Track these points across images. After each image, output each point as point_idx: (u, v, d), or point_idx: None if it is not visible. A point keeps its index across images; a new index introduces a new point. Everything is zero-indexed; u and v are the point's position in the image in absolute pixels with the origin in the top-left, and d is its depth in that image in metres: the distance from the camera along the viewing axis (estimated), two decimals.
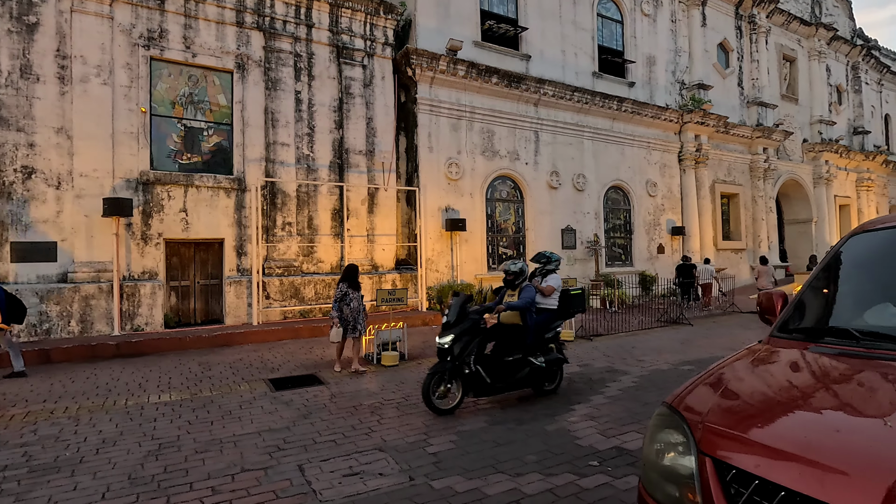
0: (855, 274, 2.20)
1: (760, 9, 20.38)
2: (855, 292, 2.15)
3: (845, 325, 1.93)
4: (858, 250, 2.25)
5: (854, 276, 2.20)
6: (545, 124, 14.42)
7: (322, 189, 11.34)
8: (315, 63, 11.35)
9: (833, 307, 2.17)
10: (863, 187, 25.30)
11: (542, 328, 5.48)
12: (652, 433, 1.79)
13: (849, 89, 25.61)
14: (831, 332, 1.97)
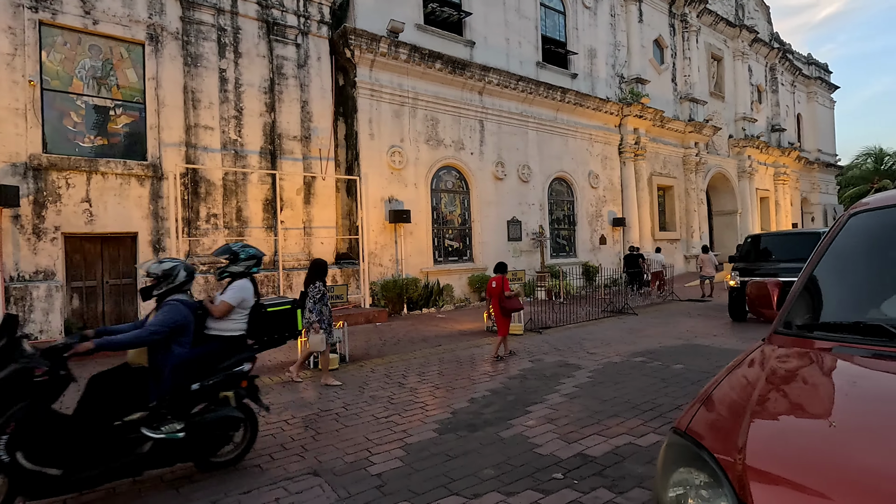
0: (862, 259, 1.92)
1: (692, 8, 21.18)
2: (865, 280, 1.86)
3: (873, 319, 1.61)
4: (862, 232, 1.97)
5: (861, 262, 1.91)
6: (490, 113, 14.11)
7: (252, 177, 10.37)
8: (242, 39, 10.32)
9: (843, 298, 1.87)
10: (780, 181, 27.19)
11: (194, 370, 3.38)
12: (665, 472, 1.37)
13: (767, 89, 27.38)
14: (853, 328, 1.65)
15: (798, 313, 1.87)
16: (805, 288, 1.92)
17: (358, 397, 5.28)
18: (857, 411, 1.24)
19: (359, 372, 6.41)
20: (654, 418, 4.33)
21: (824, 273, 1.93)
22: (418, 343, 8.25)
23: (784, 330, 1.82)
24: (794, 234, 10.45)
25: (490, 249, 13.88)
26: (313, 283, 5.99)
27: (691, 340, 7.91)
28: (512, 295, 7.13)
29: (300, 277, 10.48)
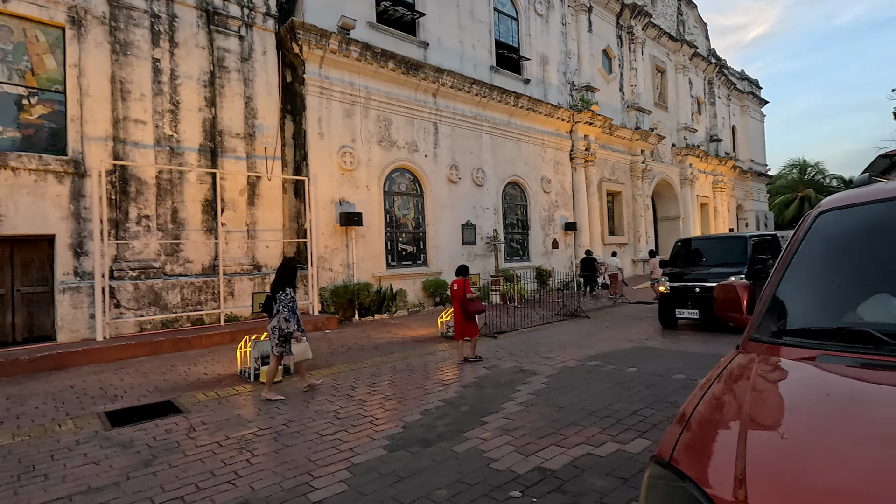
0: (834, 259, 1.81)
1: (637, 21, 21.99)
2: (839, 281, 1.75)
3: (858, 324, 1.49)
4: (831, 231, 1.88)
5: (833, 263, 1.80)
6: (444, 116, 13.95)
7: (190, 176, 9.66)
8: (179, 27, 9.62)
9: (818, 301, 1.75)
10: (717, 188, 28.70)
11: None
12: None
13: (706, 101, 28.89)
14: (835, 334, 1.52)
15: (772, 318, 1.73)
16: (777, 291, 1.79)
17: (302, 413, 4.88)
18: (865, 434, 1.08)
19: (304, 384, 5.98)
20: (612, 425, 4.22)
21: (796, 274, 1.81)
22: (369, 351, 7.89)
23: (760, 337, 1.68)
24: (723, 238, 10.33)
25: (444, 253, 13.68)
26: (283, 289, 5.49)
27: (643, 343, 7.99)
28: (474, 297, 6.98)
29: (243, 284, 9.87)
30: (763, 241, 9.56)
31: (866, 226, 1.77)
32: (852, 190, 2.05)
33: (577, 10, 19.06)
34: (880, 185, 2.00)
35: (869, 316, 1.60)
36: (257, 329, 8.70)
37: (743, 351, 1.66)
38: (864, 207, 1.84)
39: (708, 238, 10.44)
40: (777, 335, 1.65)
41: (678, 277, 9.05)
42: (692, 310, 8.63)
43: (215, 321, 9.47)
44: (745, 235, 9.24)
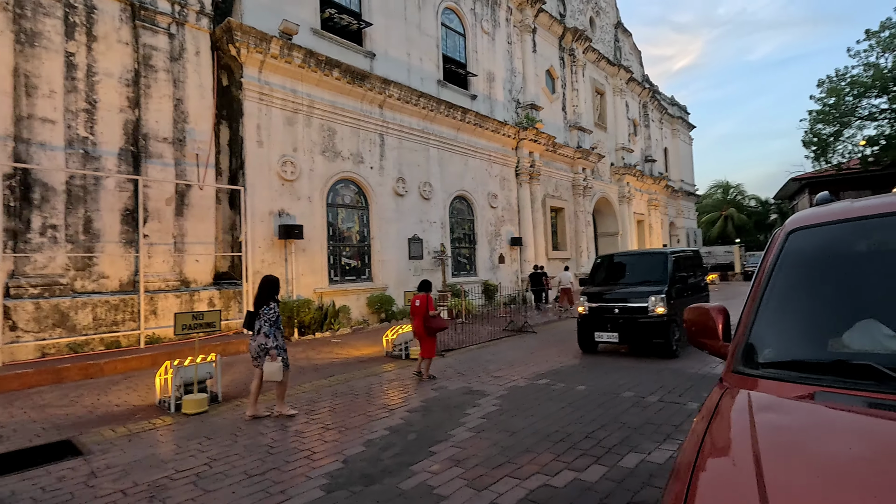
0: (811, 282, 1.69)
1: (578, 44, 22.89)
2: (820, 306, 1.62)
3: (856, 357, 1.34)
4: (805, 251, 1.76)
5: (811, 285, 1.69)
6: (391, 128, 13.67)
7: (108, 183, 8.75)
8: (98, 20, 8.78)
9: (801, 327, 1.61)
10: (652, 206, 30.23)
11: None
12: None
13: (641, 124, 30.51)
14: (830, 367, 1.37)
15: (755, 347, 1.58)
16: (756, 316, 1.64)
17: (228, 448, 4.34)
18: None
19: (233, 413, 5.41)
20: (567, 451, 4.03)
21: (774, 298, 1.67)
22: (308, 373, 7.35)
23: (745, 370, 1.51)
24: (643, 254, 9.67)
25: (390, 268, 13.29)
26: (266, 304, 5.22)
27: (589, 357, 7.99)
28: (436, 314, 6.84)
29: (168, 301, 9.01)
30: (684, 257, 9.20)
31: (841, 246, 1.67)
32: (818, 208, 1.96)
33: (522, 30, 19.53)
34: (845, 203, 1.92)
35: (856, 344, 1.47)
36: (182, 352, 7.91)
37: (729, 386, 1.48)
38: (837, 227, 1.74)
39: (628, 254, 9.81)
40: (765, 367, 1.49)
41: (597, 297, 8.30)
42: (611, 332, 7.92)
43: (134, 343, 8.55)
44: (666, 252, 8.67)
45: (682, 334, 7.91)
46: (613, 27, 27.87)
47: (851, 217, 1.70)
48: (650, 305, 7.64)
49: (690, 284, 8.94)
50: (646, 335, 7.67)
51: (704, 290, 10.03)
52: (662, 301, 7.61)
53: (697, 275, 9.79)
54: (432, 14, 15.41)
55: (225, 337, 9.24)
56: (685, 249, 9.80)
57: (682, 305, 8.00)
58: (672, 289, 7.96)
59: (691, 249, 10.28)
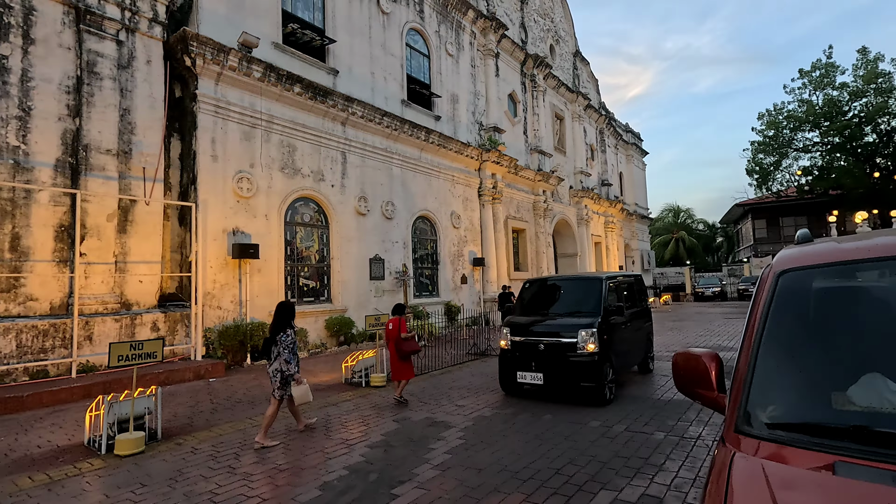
0: (809, 330, 1.60)
1: (539, 71, 23.53)
2: (823, 357, 1.53)
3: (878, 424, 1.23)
4: (799, 297, 1.68)
5: (810, 334, 1.59)
6: (353, 146, 13.43)
7: (41, 197, 8.05)
8: (37, 22, 8.18)
9: (804, 381, 1.51)
10: (609, 228, 31.12)
11: None
12: None
13: (598, 149, 31.56)
14: (846, 432, 1.26)
15: (758, 403, 1.46)
16: (756, 367, 1.52)
17: (165, 498, 3.89)
18: None
19: (173, 454, 4.91)
20: (536, 489, 3.84)
21: (773, 347, 1.57)
22: (260, 404, 6.87)
23: (751, 430, 1.38)
24: (576, 279, 8.30)
25: (351, 289, 12.89)
26: (283, 331, 5.32)
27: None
28: (409, 336, 6.83)
29: (106, 326, 8.31)
30: (623, 283, 8.17)
31: (838, 293, 1.59)
32: (804, 248, 1.90)
33: (485, 54, 19.88)
34: (831, 244, 1.86)
35: (862, 400, 1.38)
36: (120, 381, 7.28)
37: (734, 448, 1.35)
38: (830, 270, 1.67)
39: (560, 279, 8.36)
40: (772, 428, 1.36)
41: (522, 329, 6.97)
42: (535, 373, 6.61)
43: (65, 372, 7.78)
44: (600, 277, 7.41)
45: (617, 374, 6.96)
46: (572, 55, 28.90)
47: (844, 261, 1.63)
48: (579, 341, 6.41)
49: (631, 314, 7.86)
50: (573, 377, 6.39)
51: (647, 319, 8.94)
52: (594, 336, 6.41)
53: (640, 302, 8.83)
54: (397, 34, 15.41)
55: (170, 364, 8.58)
56: (625, 274, 8.77)
57: (621, 340, 7.14)
58: (606, 321, 6.75)
59: (632, 274, 9.19)
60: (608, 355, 6.60)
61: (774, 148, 28.80)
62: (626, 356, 7.49)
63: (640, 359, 8.32)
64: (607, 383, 6.50)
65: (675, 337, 13.25)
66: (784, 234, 39.51)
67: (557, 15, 27.23)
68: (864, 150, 26.88)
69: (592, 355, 6.38)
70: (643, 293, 9.23)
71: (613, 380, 6.73)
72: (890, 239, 1.74)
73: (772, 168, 29.34)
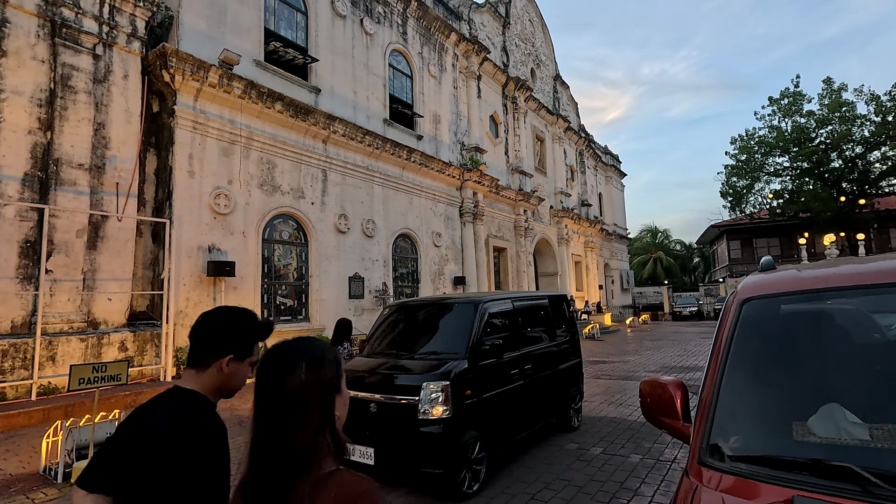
0: (772, 360, 1.62)
1: (520, 93, 24.00)
2: (783, 387, 1.54)
3: (832, 454, 1.23)
4: (762, 325, 1.70)
5: (773, 364, 1.60)
6: (335, 164, 13.41)
7: (6, 211, 7.79)
8: (10, 34, 8.03)
9: (764, 412, 1.51)
10: (588, 248, 31.51)
11: None
12: None
13: (578, 170, 32.14)
14: (807, 465, 1.25)
15: (721, 434, 1.45)
16: (719, 397, 1.52)
17: None
18: None
19: None
20: None
21: (735, 377, 1.58)
22: (232, 427, 6.62)
23: (713, 463, 1.37)
24: (445, 305, 5.78)
25: (329, 307, 12.71)
26: (341, 345, 6.02)
27: None
28: None
29: (70, 345, 8.00)
30: (525, 308, 6.01)
31: (799, 322, 1.61)
32: (767, 275, 1.93)
33: (467, 76, 20.21)
34: (792, 272, 1.90)
35: (821, 430, 1.38)
36: (83, 404, 6.97)
37: (697, 481, 1.33)
38: (791, 298, 1.69)
39: (427, 304, 6.01)
40: (734, 461, 1.35)
41: (357, 380, 4.67)
42: (366, 447, 4.38)
43: (24, 395, 7.43)
44: (477, 301, 5.26)
45: (495, 447, 4.75)
46: (553, 79, 29.59)
47: (805, 290, 1.66)
48: (422, 401, 4.22)
49: (539, 353, 5.78)
50: (411, 456, 4.24)
51: (571, 357, 6.68)
52: (444, 394, 4.23)
53: (560, 335, 6.62)
54: (380, 54, 15.58)
55: (137, 385, 8.28)
56: (533, 295, 6.78)
57: (508, 395, 5.01)
58: (476, 368, 4.65)
59: (548, 294, 6.99)
60: (474, 421, 4.46)
61: (747, 171, 29.78)
62: (518, 418, 5.17)
63: (551, 416, 5.94)
64: (471, 465, 4.31)
65: (653, 357, 13.36)
66: (758, 255, 40.56)
67: (538, 40, 27.93)
68: (830, 175, 27.97)
69: (441, 423, 4.17)
70: (568, 322, 6.95)
71: (483, 458, 4.46)
72: (851, 268, 1.77)
73: (745, 191, 30.29)
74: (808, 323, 1.61)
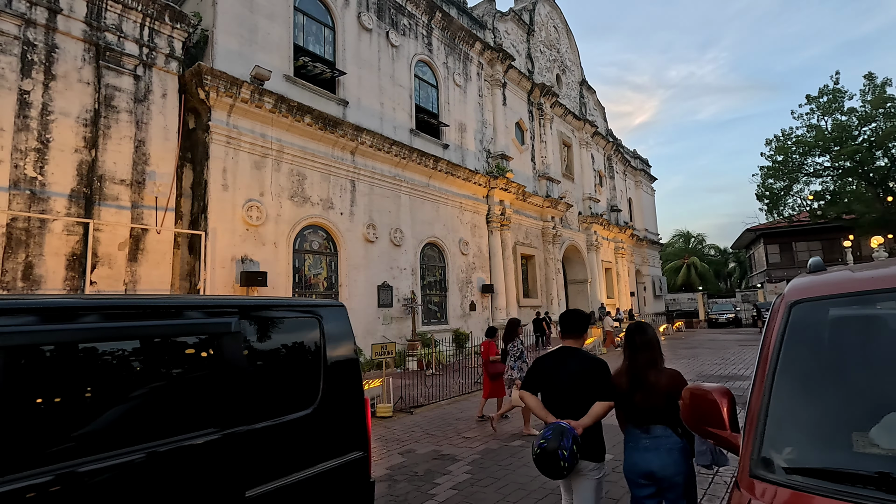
0: (827, 366, 1.52)
1: (546, 99, 23.88)
2: (841, 395, 1.45)
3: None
4: (813, 329, 1.61)
5: (828, 370, 1.51)
6: (362, 174, 13.60)
7: (55, 226, 8.19)
8: (59, 59, 8.49)
9: (821, 421, 1.42)
10: (619, 254, 30.89)
11: None
12: None
13: (606, 175, 31.65)
14: (870, 479, 1.17)
15: (774, 444, 1.37)
16: (771, 405, 1.44)
17: None
18: None
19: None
20: None
21: (786, 384, 1.49)
22: None
23: (767, 475, 1.29)
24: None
25: (358, 316, 12.81)
26: (512, 342, 6.83)
27: None
28: (496, 360, 7.37)
29: None
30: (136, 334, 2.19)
31: (855, 325, 1.52)
32: (816, 277, 1.83)
33: (492, 84, 20.25)
34: (845, 272, 1.79)
35: (885, 442, 1.29)
36: None
37: (750, 494, 1.26)
38: (845, 301, 1.60)
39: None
40: (790, 473, 1.28)
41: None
42: None
43: None
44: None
45: None
46: (579, 84, 29.34)
47: (860, 291, 1.57)
48: None
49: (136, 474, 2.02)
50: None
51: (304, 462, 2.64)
52: None
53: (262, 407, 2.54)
54: (406, 66, 15.79)
55: None
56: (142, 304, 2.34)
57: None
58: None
59: (229, 302, 2.70)
60: None
61: (784, 173, 28.64)
62: None
63: None
64: None
65: (690, 365, 12.93)
66: (798, 260, 38.95)
67: (563, 46, 27.79)
68: (875, 175, 26.62)
69: None
70: (332, 370, 3.01)
71: None
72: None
73: (782, 193, 29.12)
74: (863, 326, 1.52)
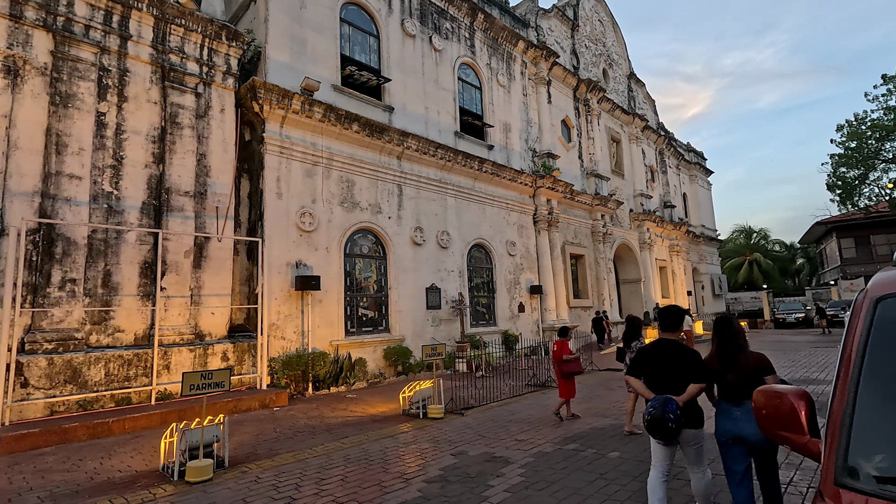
0: None
1: (593, 95, 23.30)
2: None
3: None
4: None
5: None
6: (409, 178, 13.79)
7: (129, 237, 8.83)
8: (130, 82, 9.17)
9: None
10: (674, 252, 29.61)
11: None
12: None
13: (658, 170, 30.45)
14: None
15: (862, 451, 1.26)
16: (856, 409, 1.33)
17: None
18: None
19: (238, 482, 5.04)
20: None
21: (874, 386, 1.37)
22: (321, 434, 6.96)
23: (854, 483, 1.19)
24: None
25: (408, 318, 13.00)
26: (636, 339, 6.77)
27: (619, 419, 7.43)
28: (570, 359, 7.43)
29: (181, 356, 8.84)
30: None
31: None
32: None
33: (536, 82, 19.99)
34: None
35: None
36: (193, 409, 7.66)
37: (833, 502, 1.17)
38: None
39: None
40: (882, 482, 1.17)
41: None
42: None
43: (145, 399, 8.31)
44: None
45: None
46: (627, 78, 28.44)
47: None
48: None
49: None
50: None
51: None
52: None
53: None
54: (449, 69, 15.88)
55: (237, 393, 8.95)
56: None
57: None
58: None
59: None
60: None
61: (858, 160, 26.48)
62: None
63: None
64: None
65: None
66: (877, 254, 35.86)
67: (609, 39, 27.04)
68: None
69: None
70: None
71: None
72: None
73: (857, 182, 26.93)
74: None
